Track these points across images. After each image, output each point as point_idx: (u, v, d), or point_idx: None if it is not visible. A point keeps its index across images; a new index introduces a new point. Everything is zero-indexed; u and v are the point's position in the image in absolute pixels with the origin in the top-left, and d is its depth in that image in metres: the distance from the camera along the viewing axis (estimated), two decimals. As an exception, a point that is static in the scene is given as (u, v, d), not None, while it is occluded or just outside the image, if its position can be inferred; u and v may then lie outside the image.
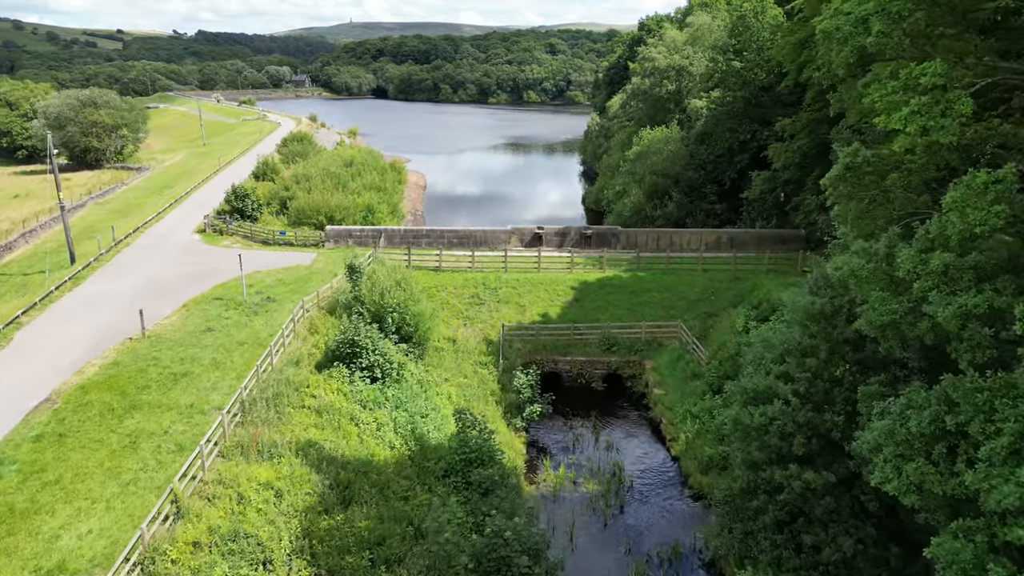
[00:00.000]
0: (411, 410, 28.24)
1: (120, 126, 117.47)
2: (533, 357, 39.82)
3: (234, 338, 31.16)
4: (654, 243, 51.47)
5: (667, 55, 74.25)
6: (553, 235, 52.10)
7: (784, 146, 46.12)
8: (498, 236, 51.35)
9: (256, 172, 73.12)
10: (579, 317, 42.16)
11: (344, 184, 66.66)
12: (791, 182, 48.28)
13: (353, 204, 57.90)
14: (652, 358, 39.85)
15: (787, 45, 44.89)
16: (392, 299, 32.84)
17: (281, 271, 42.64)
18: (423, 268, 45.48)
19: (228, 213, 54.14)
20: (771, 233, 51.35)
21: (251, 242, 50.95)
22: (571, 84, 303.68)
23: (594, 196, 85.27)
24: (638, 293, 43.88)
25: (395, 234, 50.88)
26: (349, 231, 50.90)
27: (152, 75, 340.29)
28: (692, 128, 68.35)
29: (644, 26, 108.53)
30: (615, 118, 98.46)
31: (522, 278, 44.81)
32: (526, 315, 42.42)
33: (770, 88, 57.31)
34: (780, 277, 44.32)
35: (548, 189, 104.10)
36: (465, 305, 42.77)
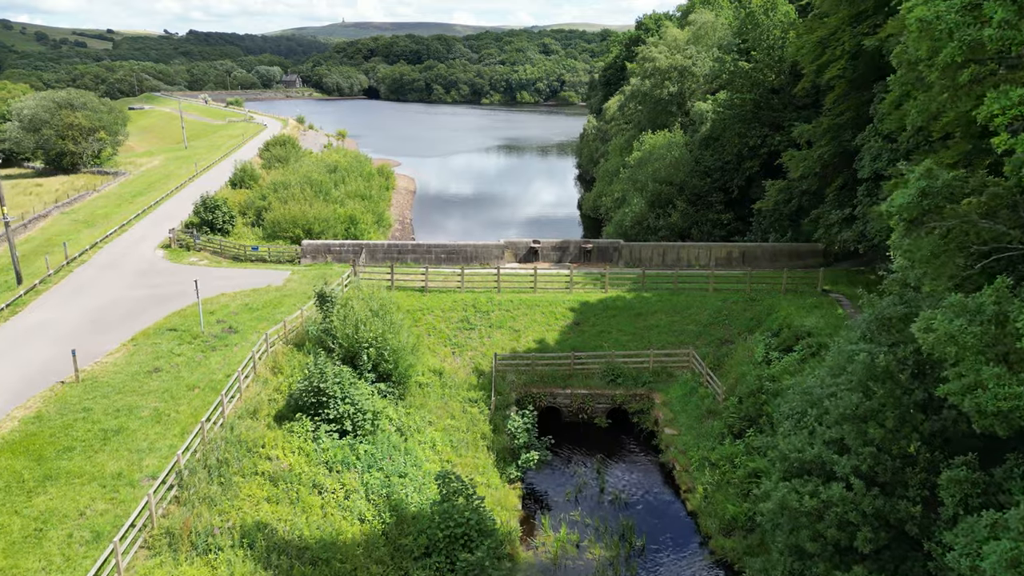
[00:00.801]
0: (387, 469, 24.08)
1: (97, 129, 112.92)
2: (529, 390, 35.74)
3: (184, 381, 26.92)
4: (659, 258, 47.44)
5: (668, 55, 70.26)
6: (550, 249, 48.02)
7: (802, 154, 42.14)
8: (490, 251, 47.23)
9: (233, 179, 68.73)
10: (579, 344, 38.09)
11: (326, 192, 62.43)
12: (809, 193, 44.31)
13: (334, 215, 53.66)
14: (661, 391, 35.81)
15: (806, 44, 40.94)
16: (368, 333, 28.68)
17: (249, 294, 38.38)
18: (407, 288, 41.32)
19: (196, 226, 49.84)
20: (786, 247, 47.41)
21: (220, 258, 46.66)
22: (564, 85, 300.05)
23: (591, 202, 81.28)
24: (644, 316, 39.83)
25: (378, 249, 46.69)
26: (328, 246, 46.67)
27: (139, 75, 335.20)
28: (696, 132, 64.41)
29: (642, 25, 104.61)
30: (612, 121, 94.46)
31: (516, 299, 40.70)
32: (521, 341, 38.31)
33: (780, 90, 53.48)
34: (799, 298, 40.34)
35: (543, 195, 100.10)
36: (454, 331, 38.64)
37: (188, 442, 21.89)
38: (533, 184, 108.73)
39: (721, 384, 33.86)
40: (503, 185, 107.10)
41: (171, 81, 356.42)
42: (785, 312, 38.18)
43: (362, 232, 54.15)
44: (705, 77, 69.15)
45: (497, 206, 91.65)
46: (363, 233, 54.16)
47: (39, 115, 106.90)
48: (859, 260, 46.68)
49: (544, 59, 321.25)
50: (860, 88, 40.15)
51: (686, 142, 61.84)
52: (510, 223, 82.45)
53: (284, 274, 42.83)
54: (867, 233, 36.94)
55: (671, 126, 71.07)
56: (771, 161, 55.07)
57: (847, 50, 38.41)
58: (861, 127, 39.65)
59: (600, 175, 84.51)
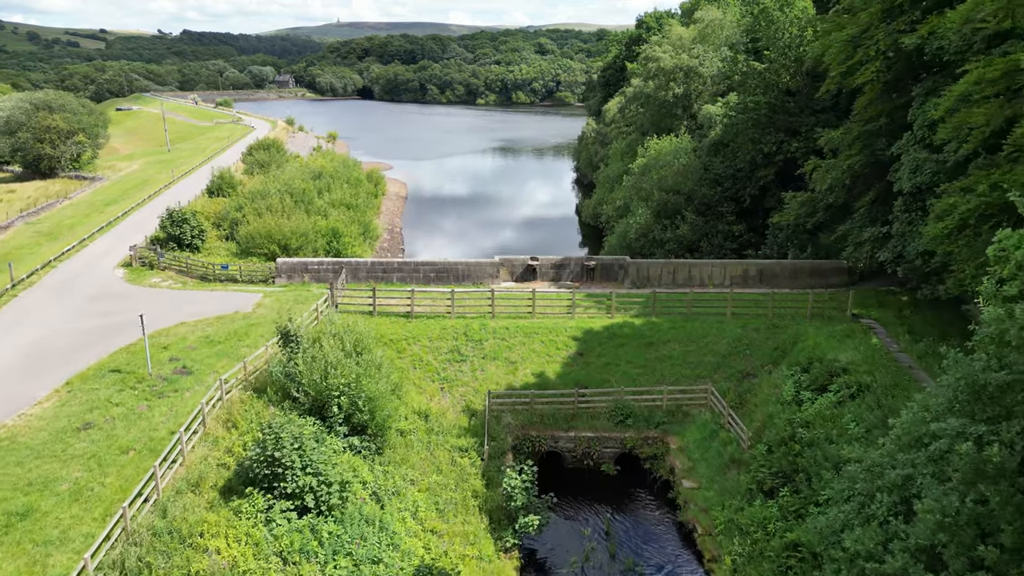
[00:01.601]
0: (357, 555, 19.90)
1: (76, 131, 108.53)
2: (527, 433, 31.57)
3: (118, 441, 22.69)
4: (669, 277, 43.31)
5: (674, 54, 66.23)
6: (549, 267, 43.85)
7: (830, 163, 38.02)
8: (484, 269, 43.05)
9: (211, 186, 64.44)
10: (584, 378, 33.92)
11: (308, 201, 58.14)
12: (835, 207, 40.20)
13: (314, 228, 49.40)
14: (677, 433, 31.67)
15: (834, 43, 36.81)
16: (339, 379, 24.48)
17: (212, 322, 34.11)
18: (391, 314, 37.10)
19: (162, 242, 45.53)
20: (807, 265, 43.35)
21: (186, 278, 42.37)
22: (560, 85, 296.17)
23: (591, 209, 77.14)
24: (655, 345, 35.68)
25: (360, 267, 42.46)
26: (305, 264, 42.42)
27: (129, 75, 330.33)
28: (705, 137, 60.33)
29: (643, 23, 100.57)
30: (613, 123, 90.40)
31: (513, 326, 36.51)
32: (518, 375, 34.13)
33: (796, 92, 49.46)
34: (827, 324, 36.26)
35: (540, 201, 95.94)
36: (443, 363, 34.43)
37: (109, 527, 17.68)
38: (529, 189, 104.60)
39: (745, 427, 29.74)
40: (498, 191, 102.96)
41: (162, 82, 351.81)
42: (813, 342, 34.08)
43: (345, 247, 49.90)
44: (713, 78, 65.16)
45: (492, 213, 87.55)
46: (346, 248, 49.91)
47: (15, 117, 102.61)
48: (888, 279, 42.64)
49: (540, 59, 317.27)
50: (895, 91, 36.10)
51: (694, 148, 57.77)
52: (505, 227, 78.38)
53: (255, 297, 38.54)
54: (906, 254, 32.85)
55: (676, 130, 67.05)
56: (787, 169, 51.09)
57: (882, 49, 34.34)
58: (897, 135, 35.59)
59: (600, 181, 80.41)
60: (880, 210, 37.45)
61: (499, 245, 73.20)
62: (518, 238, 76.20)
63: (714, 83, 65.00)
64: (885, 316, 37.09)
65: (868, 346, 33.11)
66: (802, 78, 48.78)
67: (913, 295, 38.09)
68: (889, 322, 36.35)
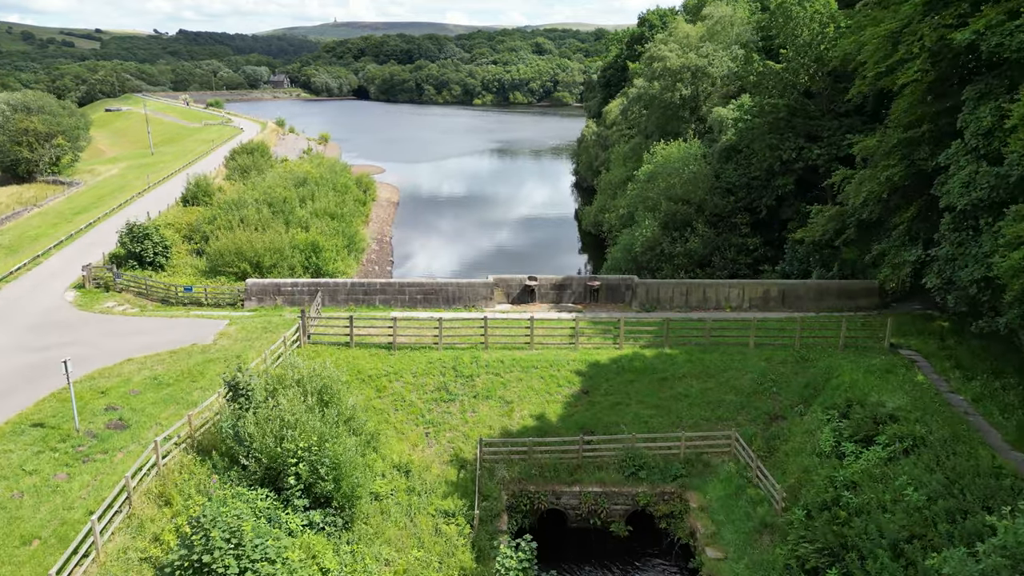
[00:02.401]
0: None
1: (55, 134, 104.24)
2: (524, 488, 27.40)
3: (22, 525, 18.47)
4: (681, 299, 39.14)
5: (680, 53, 62.09)
6: (549, 288, 39.67)
7: (864, 175, 33.84)
8: (476, 291, 38.83)
9: (186, 194, 60.20)
10: (589, 421, 29.74)
11: (290, 211, 53.90)
12: (868, 223, 36.02)
13: (292, 242, 45.15)
14: (697, 488, 27.48)
15: (870, 39, 32.66)
16: (297, 442, 20.27)
17: (164, 358, 29.86)
18: (370, 345, 32.86)
19: (122, 259, 41.24)
20: (834, 285, 39.23)
21: (146, 301, 38.13)
22: (558, 85, 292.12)
23: (592, 217, 72.93)
24: (669, 381, 31.49)
25: (339, 289, 38.24)
26: (277, 285, 38.17)
27: (121, 75, 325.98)
28: (715, 142, 56.23)
29: (645, 21, 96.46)
30: (614, 126, 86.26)
31: (508, 359, 32.30)
32: (514, 417, 29.93)
33: (817, 94, 45.44)
34: (862, 356, 32.16)
35: (538, 206, 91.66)
36: (428, 403, 30.22)
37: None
38: (527, 194, 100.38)
39: (778, 483, 25.55)
40: (494, 195, 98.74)
41: (155, 82, 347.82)
42: (849, 378, 29.97)
43: (326, 262, 45.66)
44: (723, 79, 61.05)
45: (487, 220, 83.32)
46: (327, 264, 45.69)
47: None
48: (924, 301, 38.54)
49: (537, 59, 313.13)
50: (939, 94, 31.96)
51: (703, 154, 53.62)
52: (502, 234, 74.12)
53: (219, 325, 34.28)
54: (958, 280, 28.70)
55: (683, 134, 62.92)
56: (807, 177, 47.06)
57: (927, 46, 30.21)
58: (942, 143, 31.49)
59: (601, 187, 76.22)
60: (922, 227, 33.35)
61: (495, 253, 69.01)
62: (514, 246, 72.06)
63: (724, 84, 60.90)
64: (926, 346, 32.99)
65: (914, 385, 29.01)
66: (823, 78, 44.73)
67: (955, 320, 34.04)
68: (932, 354, 32.25)
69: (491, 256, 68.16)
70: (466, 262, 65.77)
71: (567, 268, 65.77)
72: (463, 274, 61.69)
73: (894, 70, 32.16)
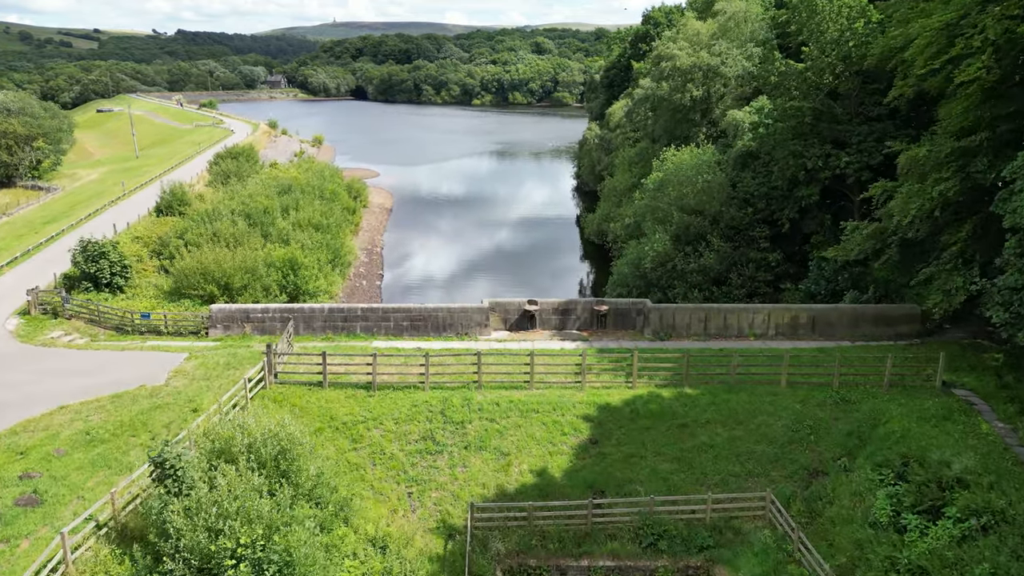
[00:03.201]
0: None
1: (36, 136, 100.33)
2: (523, 562, 23.19)
3: None
4: (699, 325, 34.96)
5: (691, 52, 57.89)
6: (551, 312, 35.48)
7: (912, 189, 29.60)
8: (470, 316, 34.63)
9: (160, 204, 56.07)
10: (599, 478, 25.56)
11: (270, 222, 49.73)
12: (913, 242, 31.78)
13: (267, 260, 40.95)
14: (727, 562, 23.25)
15: (921, 32, 28.49)
16: (239, 535, 16.08)
17: (105, 404, 25.68)
18: (347, 386, 28.66)
19: (75, 280, 37.06)
20: (870, 311, 35.06)
21: (97, 329, 33.93)
22: (558, 85, 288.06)
23: (595, 226, 68.72)
24: (691, 428, 27.31)
25: (315, 316, 34.05)
26: (246, 312, 33.98)
27: (116, 75, 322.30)
28: (730, 147, 52.06)
29: (650, 19, 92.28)
30: (618, 128, 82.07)
31: (505, 401, 28.13)
32: (511, 474, 25.76)
33: (845, 96, 41.31)
34: (911, 398, 28.02)
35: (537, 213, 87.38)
36: (411, 456, 26.04)
37: None
38: (525, 198, 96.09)
39: (825, 563, 21.34)
40: (492, 201, 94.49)
41: (150, 81, 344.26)
42: (900, 426, 25.82)
43: (306, 281, 41.47)
44: (737, 79, 56.87)
45: (484, 225, 79.04)
46: (307, 282, 41.50)
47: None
48: (970, 327, 34.43)
49: (537, 59, 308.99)
50: (1000, 96, 27.81)
51: (717, 160, 49.40)
52: (499, 240, 69.88)
53: (175, 360, 30.10)
54: (1026, 313, 24.56)
55: (694, 138, 58.71)
56: (833, 187, 42.94)
57: (990, 39, 26.08)
58: (1003, 153, 27.38)
59: (605, 193, 71.99)
60: (977, 248, 29.21)
61: (491, 263, 64.81)
62: (512, 255, 67.87)
63: (739, 84, 56.73)
64: (983, 385, 28.86)
65: (978, 437, 24.90)
66: (851, 79, 40.59)
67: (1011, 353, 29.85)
68: (991, 395, 28.12)
69: (487, 266, 64.01)
70: (460, 274, 61.61)
71: (568, 280, 61.63)
72: (456, 287, 57.55)
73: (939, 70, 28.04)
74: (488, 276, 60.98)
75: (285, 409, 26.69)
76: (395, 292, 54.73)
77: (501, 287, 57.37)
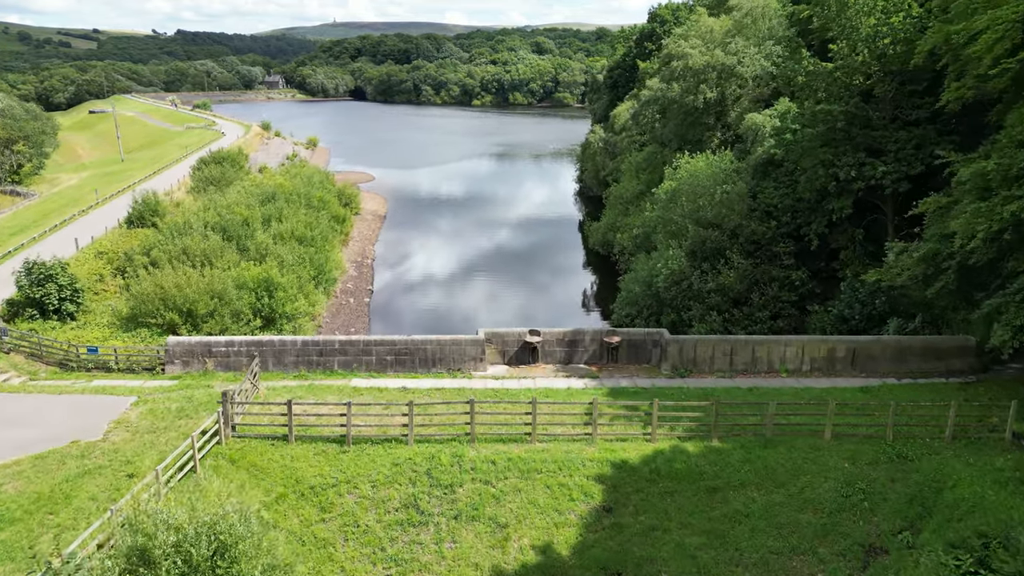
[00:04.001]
0: None
1: (17, 139, 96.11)
2: (524, 668, 19.05)
3: None
4: (724, 359, 30.79)
5: (704, 50, 53.77)
6: (555, 344, 31.29)
7: (978, 208, 25.37)
8: (463, 350, 30.45)
9: (131, 215, 51.96)
10: (614, 556, 21.39)
11: (248, 235, 45.65)
12: (973, 268, 27.60)
13: (237, 280, 36.79)
14: (771, 668, 19.10)
15: (993, 24, 24.32)
16: None
17: (25, 467, 21.51)
18: (317, 439, 24.50)
19: (20, 306, 32.88)
20: (918, 343, 30.87)
21: (39, 365, 29.78)
22: (559, 85, 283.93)
23: (600, 236, 64.65)
24: (722, 492, 23.14)
25: (287, 349, 29.88)
26: (208, 345, 29.81)
27: (111, 76, 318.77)
28: (748, 153, 47.97)
29: (656, 16, 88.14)
30: (623, 131, 77.94)
31: (502, 458, 23.96)
32: (509, 550, 21.59)
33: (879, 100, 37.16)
34: (978, 452, 23.90)
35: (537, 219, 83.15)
36: (390, 529, 21.87)
37: None
38: (524, 203, 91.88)
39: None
40: (490, 207, 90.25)
41: (146, 82, 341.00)
42: (970, 491, 21.68)
43: (282, 303, 37.31)
44: (755, 80, 52.77)
45: (482, 232, 74.80)
46: (283, 305, 37.35)
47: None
48: (1030, 362, 30.31)
49: (537, 59, 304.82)
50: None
51: (736, 168, 45.27)
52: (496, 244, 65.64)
53: (121, 405, 25.94)
54: None
55: (707, 142, 54.62)
56: (866, 198, 38.81)
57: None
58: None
59: (611, 201, 67.90)
60: (1054, 278, 25.03)
61: (488, 275, 60.61)
62: (510, 267, 63.72)
63: (756, 86, 52.62)
64: (1060, 436, 24.68)
65: (1071, 509, 20.70)
66: (887, 80, 36.46)
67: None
68: (1072, 450, 23.96)
69: (485, 280, 59.85)
70: (456, 288, 57.41)
71: (572, 296, 57.37)
72: (451, 304, 53.34)
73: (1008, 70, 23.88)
74: (485, 290, 56.82)
75: (242, 471, 22.56)
76: (385, 311, 50.56)
77: (498, 305, 53.20)
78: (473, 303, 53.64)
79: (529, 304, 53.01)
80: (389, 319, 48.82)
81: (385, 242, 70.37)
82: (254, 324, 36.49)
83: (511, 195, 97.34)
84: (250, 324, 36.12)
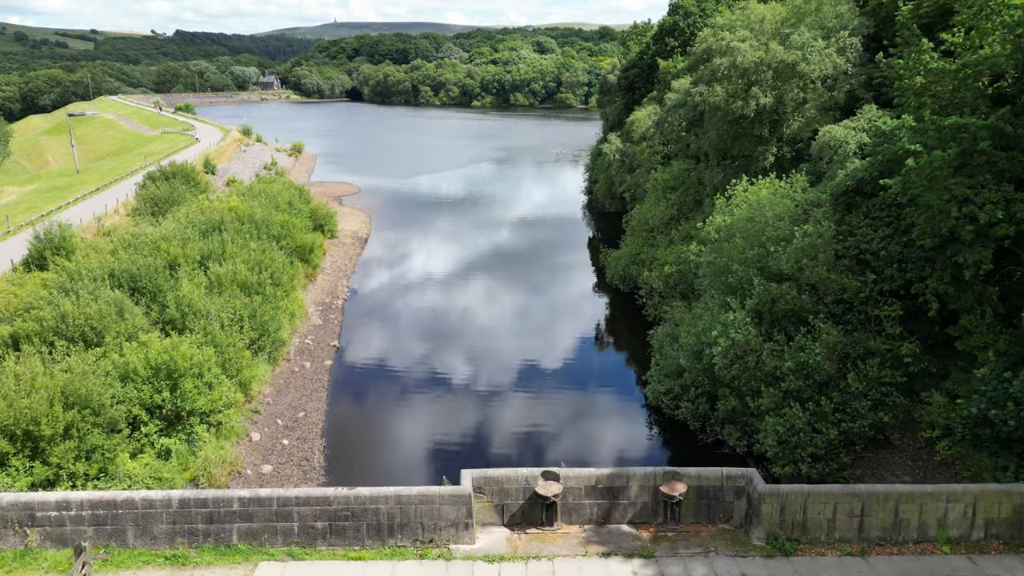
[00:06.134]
0: None
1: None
2: None
3: None
4: (849, 523, 19.55)
5: (757, 44, 42.60)
6: (583, 494, 20.06)
7: None
8: (437, 510, 19.20)
9: (31, 254, 40.94)
10: None
11: (171, 287, 34.60)
12: None
13: (123, 370, 25.65)
14: None
15: None
16: None
17: None
18: None
19: None
20: None
21: None
22: (562, 85, 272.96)
23: (621, 270, 53.43)
24: None
25: (155, 514, 18.67)
26: (30, 508, 18.62)
27: (98, 77, 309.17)
28: (824, 178, 36.90)
29: (679, 8, 76.90)
30: (644, 141, 66.77)
31: None
32: None
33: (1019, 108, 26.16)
34: None
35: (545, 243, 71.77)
36: None
37: None
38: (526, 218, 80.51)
39: None
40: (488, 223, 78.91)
41: (135, 83, 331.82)
42: None
43: (191, 400, 26.11)
44: (825, 82, 41.63)
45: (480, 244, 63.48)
46: (193, 400, 26.19)
47: None
48: None
49: (539, 59, 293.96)
50: None
51: (816, 200, 34.09)
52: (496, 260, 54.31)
53: None
54: None
55: (759, 158, 43.49)
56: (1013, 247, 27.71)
57: None
58: None
59: (632, 227, 56.64)
60: None
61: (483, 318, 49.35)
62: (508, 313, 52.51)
63: (827, 88, 41.48)
64: None
65: None
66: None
67: None
68: None
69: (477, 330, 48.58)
70: (444, 341, 46.04)
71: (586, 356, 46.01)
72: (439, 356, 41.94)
73: None
74: (479, 346, 45.50)
75: None
76: (350, 379, 39.25)
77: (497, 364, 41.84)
78: (462, 364, 42.24)
79: (534, 373, 41.40)
80: (356, 394, 37.53)
81: (363, 275, 59.08)
82: (148, 428, 25.44)
83: (510, 206, 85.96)
84: (141, 431, 25.05)
